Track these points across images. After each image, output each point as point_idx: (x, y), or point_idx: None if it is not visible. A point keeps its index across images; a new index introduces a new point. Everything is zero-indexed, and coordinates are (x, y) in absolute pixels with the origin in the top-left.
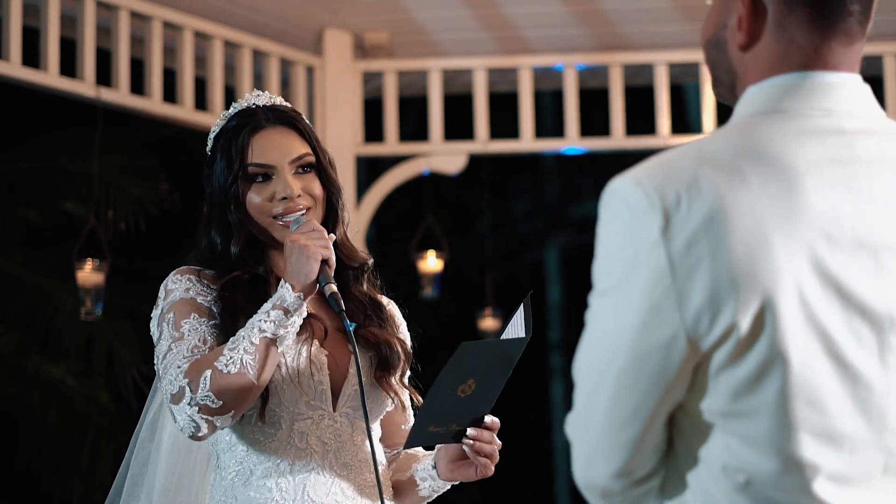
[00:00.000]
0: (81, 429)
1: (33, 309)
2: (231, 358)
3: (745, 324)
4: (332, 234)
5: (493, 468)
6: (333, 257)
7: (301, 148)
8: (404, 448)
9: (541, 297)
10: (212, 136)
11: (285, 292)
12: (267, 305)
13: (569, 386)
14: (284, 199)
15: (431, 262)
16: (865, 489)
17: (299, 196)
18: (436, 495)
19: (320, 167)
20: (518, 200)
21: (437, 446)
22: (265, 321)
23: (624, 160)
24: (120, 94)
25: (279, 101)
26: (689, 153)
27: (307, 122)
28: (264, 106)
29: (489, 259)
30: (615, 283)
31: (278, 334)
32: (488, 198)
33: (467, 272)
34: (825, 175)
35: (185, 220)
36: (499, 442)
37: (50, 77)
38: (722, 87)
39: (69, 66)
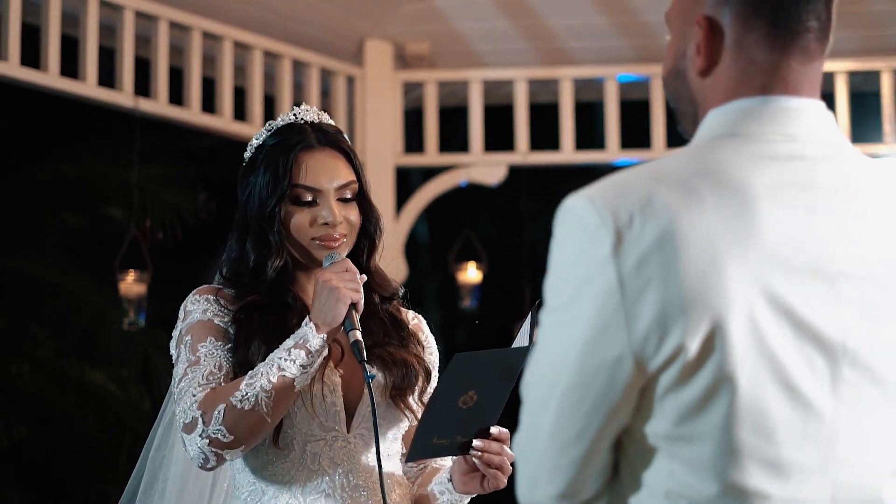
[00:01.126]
0: (119, 434)
1: (73, 314)
2: (246, 394)
3: (693, 346)
4: (363, 276)
5: (504, 480)
6: (362, 301)
7: (348, 175)
8: (406, 461)
9: None
10: (255, 144)
11: (309, 332)
12: (289, 342)
13: None
14: (325, 224)
15: (471, 274)
16: None
17: (340, 223)
18: None
19: (362, 195)
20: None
21: (453, 459)
22: (285, 359)
23: None
24: (158, 105)
25: (325, 117)
26: (646, 173)
27: (350, 145)
28: (312, 123)
29: (527, 270)
30: (565, 300)
31: (297, 375)
32: (528, 209)
33: (508, 283)
34: (783, 200)
35: (221, 229)
36: (510, 453)
37: (88, 87)
38: (685, 119)
39: (108, 76)
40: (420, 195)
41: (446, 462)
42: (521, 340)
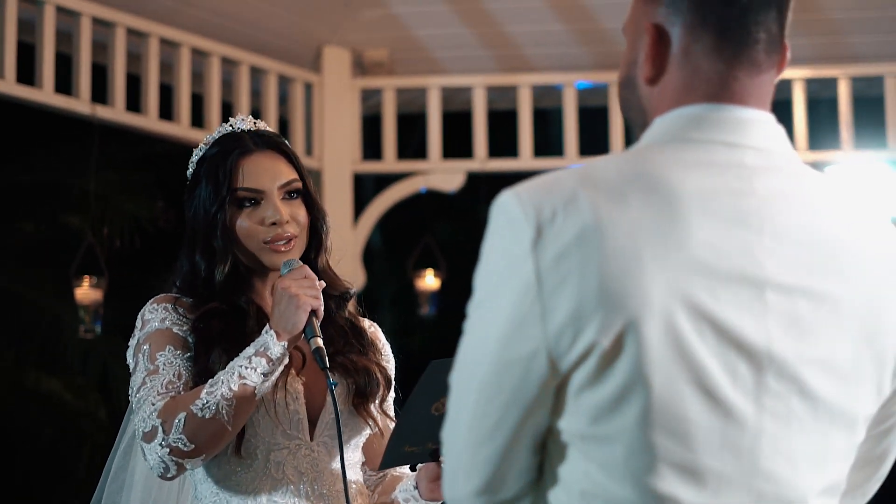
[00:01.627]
0: (78, 444)
1: (31, 323)
2: (207, 402)
3: (606, 343)
4: (321, 282)
5: None
6: (322, 308)
7: (289, 173)
8: (379, 469)
9: None
10: (195, 159)
11: (269, 340)
12: (249, 350)
13: None
14: (273, 224)
15: (429, 281)
16: None
17: (287, 222)
18: None
19: (307, 193)
20: None
21: (419, 466)
22: (246, 367)
23: None
24: (115, 112)
25: (262, 124)
26: (576, 172)
27: (291, 147)
28: (249, 131)
29: None
30: (487, 294)
31: (258, 383)
32: (486, 216)
33: (466, 290)
34: (714, 205)
35: (180, 237)
36: None
37: (45, 94)
38: (637, 128)
39: (65, 83)
40: (378, 202)
41: (405, 470)
42: None
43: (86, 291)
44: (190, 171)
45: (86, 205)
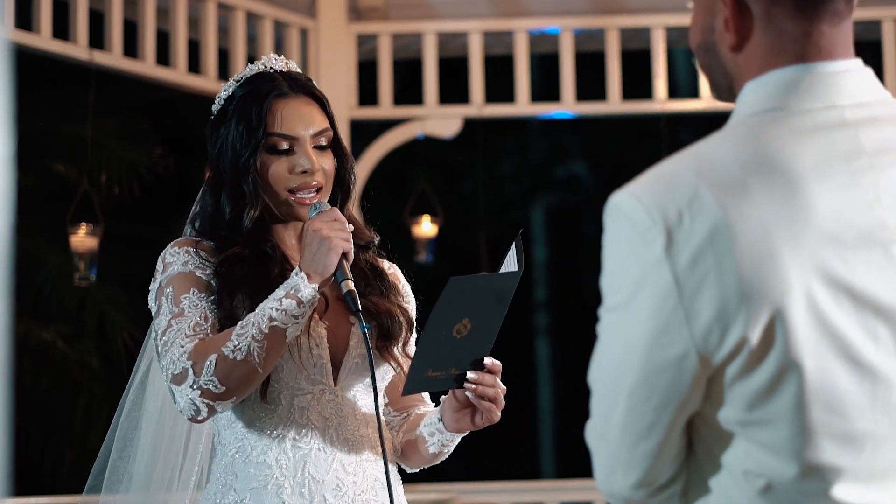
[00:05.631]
0: (73, 394)
1: (24, 272)
2: (238, 344)
3: (755, 337)
4: (349, 225)
5: (498, 413)
6: (352, 251)
7: (322, 122)
8: (402, 394)
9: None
10: (223, 96)
11: (300, 282)
12: (279, 292)
13: (554, 344)
14: (304, 172)
15: (426, 227)
16: (888, 485)
17: (316, 171)
18: (446, 451)
19: (336, 142)
20: (507, 161)
21: (442, 398)
22: (277, 309)
23: (612, 123)
24: (113, 57)
25: (294, 65)
26: (689, 165)
27: (322, 92)
28: (281, 71)
29: (484, 223)
30: (623, 300)
31: (288, 324)
32: (482, 161)
33: (463, 236)
34: (829, 174)
35: (178, 184)
36: (502, 386)
37: (42, 40)
38: (720, 90)
39: (62, 29)
40: (375, 148)
41: (429, 408)
42: (509, 266)
43: (81, 239)
44: (216, 107)
45: (82, 151)
